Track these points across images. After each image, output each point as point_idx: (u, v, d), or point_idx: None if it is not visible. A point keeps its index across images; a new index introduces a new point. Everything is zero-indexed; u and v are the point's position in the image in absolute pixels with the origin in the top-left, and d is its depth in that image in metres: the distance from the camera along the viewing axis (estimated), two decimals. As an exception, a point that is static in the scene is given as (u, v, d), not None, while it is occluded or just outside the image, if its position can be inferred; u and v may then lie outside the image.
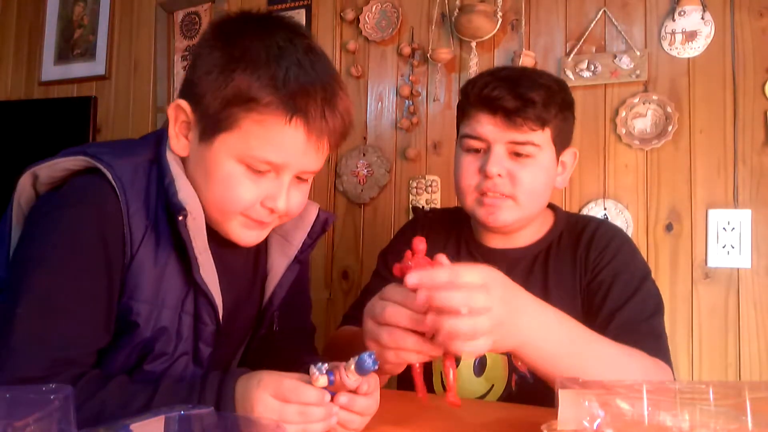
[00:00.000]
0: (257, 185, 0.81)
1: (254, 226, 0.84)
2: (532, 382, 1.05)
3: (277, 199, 0.81)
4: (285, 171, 0.81)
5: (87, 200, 0.78)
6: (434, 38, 1.99)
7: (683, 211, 1.71)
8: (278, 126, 0.77)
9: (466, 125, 1.07)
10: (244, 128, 0.78)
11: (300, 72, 0.79)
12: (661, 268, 1.71)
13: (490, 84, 1.03)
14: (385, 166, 2.03)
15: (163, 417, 0.60)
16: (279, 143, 0.78)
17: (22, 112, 2.53)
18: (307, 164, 0.83)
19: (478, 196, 1.06)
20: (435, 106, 2.00)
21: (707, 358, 1.66)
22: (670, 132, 1.71)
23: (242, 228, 0.84)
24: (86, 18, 2.52)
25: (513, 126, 1.02)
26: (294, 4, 2.18)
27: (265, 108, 0.77)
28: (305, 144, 0.80)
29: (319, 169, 0.87)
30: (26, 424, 0.50)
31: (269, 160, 0.79)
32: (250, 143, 0.78)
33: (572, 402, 0.63)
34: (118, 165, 0.80)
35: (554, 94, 1.04)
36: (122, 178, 0.78)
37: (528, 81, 1.03)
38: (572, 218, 1.17)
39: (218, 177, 0.80)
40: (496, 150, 1.03)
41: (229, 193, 0.80)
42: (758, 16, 1.68)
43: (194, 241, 0.80)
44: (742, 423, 0.59)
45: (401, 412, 0.87)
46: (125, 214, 0.78)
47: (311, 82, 0.79)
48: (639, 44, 1.78)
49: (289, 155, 0.80)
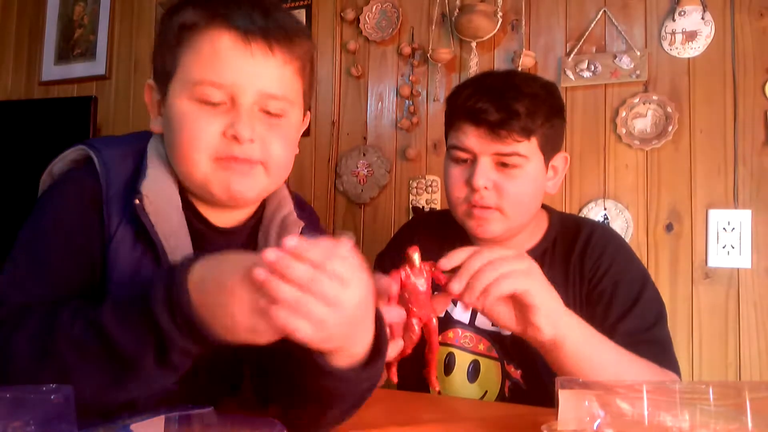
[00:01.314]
0: (214, 117, 0.75)
1: (231, 167, 0.76)
2: (525, 389, 1.04)
3: (237, 124, 0.74)
4: (237, 93, 0.75)
5: (71, 179, 0.81)
6: (434, 38, 2.00)
7: (683, 211, 1.71)
8: (205, 40, 0.75)
9: (453, 136, 1.07)
10: (182, 62, 0.76)
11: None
12: (661, 269, 1.71)
13: (474, 96, 1.02)
14: (385, 166, 2.03)
15: (163, 417, 0.60)
16: (210, 56, 0.75)
17: (22, 112, 2.53)
18: (261, 82, 0.76)
19: (467, 208, 1.06)
20: (435, 106, 2.00)
21: (707, 358, 1.66)
22: (670, 132, 1.71)
23: (222, 173, 0.76)
24: (86, 18, 2.52)
25: (497, 138, 1.01)
26: (294, 4, 2.18)
27: (191, 30, 0.76)
28: (238, 51, 0.75)
29: (286, 97, 0.78)
30: (26, 424, 0.50)
31: (210, 80, 0.74)
32: (191, 71, 0.76)
33: (572, 402, 0.63)
34: (107, 151, 0.81)
35: (540, 102, 1.03)
36: (107, 163, 0.79)
37: (512, 91, 1.02)
38: (566, 221, 1.16)
39: (177, 122, 0.77)
40: (482, 162, 1.03)
41: (189, 133, 0.76)
42: (758, 16, 1.68)
43: (157, 225, 0.76)
44: (742, 423, 0.59)
45: (401, 412, 0.87)
46: (104, 194, 0.78)
47: (237, 0, 0.78)
48: (639, 44, 1.78)
49: (226, 68, 0.75)
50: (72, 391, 0.53)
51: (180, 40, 0.77)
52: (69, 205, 0.78)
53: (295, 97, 0.80)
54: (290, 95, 0.79)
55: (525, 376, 1.05)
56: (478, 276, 0.77)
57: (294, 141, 0.83)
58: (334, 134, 2.13)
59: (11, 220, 2.45)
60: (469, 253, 0.79)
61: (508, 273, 0.77)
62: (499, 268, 0.77)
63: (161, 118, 0.82)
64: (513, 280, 0.77)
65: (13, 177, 2.38)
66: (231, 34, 0.74)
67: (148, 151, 0.82)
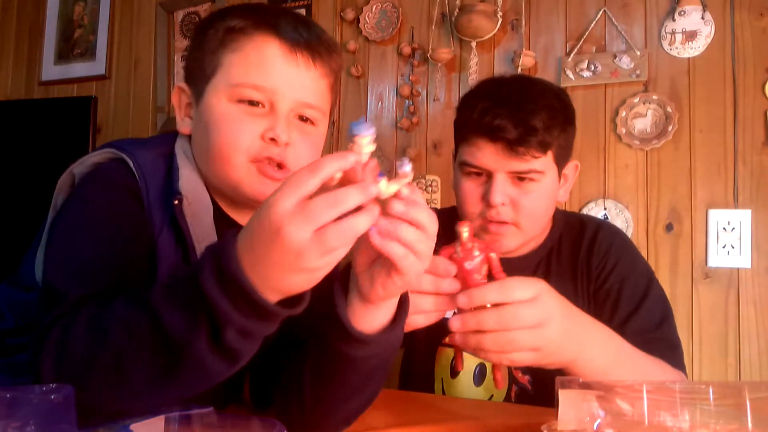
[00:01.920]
0: (253, 119, 0.77)
1: (269, 173, 0.78)
2: (532, 393, 1.04)
3: (276, 128, 0.76)
4: (277, 98, 0.78)
5: (110, 177, 0.79)
6: (434, 38, 2.00)
7: (683, 211, 1.71)
8: (252, 43, 0.78)
9: (466, 151, 1.03)
10: (225, 64, 0.79)
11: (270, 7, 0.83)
12: (661, 268, 1.71)
13: (491, 110, 0.98)
14: (385, 166, 2.03)
15: (162, 417, 0.60)
16: (257, 61, 0.78)
17: (22, 112, 2.53)
18: (301, 90, 0.79)
19: (482, 223, 1.03)
20: (435, 106, 2.00)
21: (707, 358, 1.66)
22: (670, 132, 1.71)
23: (256, 177, 0.78)
24: (86, 18, 2.52)
25: (515, 155, 0.98)
26: (294, 4, 2.18)
27: (238, 33, 0.79)
28: (284, 57, 0.78)
29: (320, 107, 0.82)
30: (26, 424, 0.50)
31: (254, 84, 0.77)
32: (233, 73, 0.78)
33: (572, 402, 0.63)
34: (140, 154, 0.80)
35: (556, 114, 1.01)
36: (143, 167, 0.79)
37: (530, 104, 0.98)
38: (570, 219, 1.16)
39: (215, 122, 0.78)
40: (498, 179, 1.00)
41: (228, 133, 0.77)
42: (758, 16, 1.68)
43: (192, 227, 0.78)
44: (742, 423, 0.59)
45: (402, 412, 0.87)
46: (145, 198, 0.78)
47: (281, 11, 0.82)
48: (639, 44, 1.78)
49: (271, 73, 0.78)
50: (72, 391, 0.53)
51: (225, 42, 0.79)
52: (118, 197, 0.77)
53: (326, 108, 0.84)
54: (323, 106, 0.83)
55: (533, 381, 1.04)
56: (489, 340, 0.69)
57: (320, 150, 0.85)
58: (334, 134, 2.13)
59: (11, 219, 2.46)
60: (496, 292, 0.70)
61: (519, 340, 0.69)
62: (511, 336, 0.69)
63: (189, 120, 0.85)
64: (523, 353, 0.70)
65: (13, 177, 2.38)
66: (279, 42, 0.78)
67: (176, 153, 0.83)
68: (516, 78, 1.09)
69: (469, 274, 0.71)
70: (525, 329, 0.66)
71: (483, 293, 0.68)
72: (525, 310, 0.66)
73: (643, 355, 0.86)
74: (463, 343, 0.70)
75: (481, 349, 0.67)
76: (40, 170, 2.27)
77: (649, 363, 0.86)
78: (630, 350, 0.84)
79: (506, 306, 0.66)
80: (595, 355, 0.77)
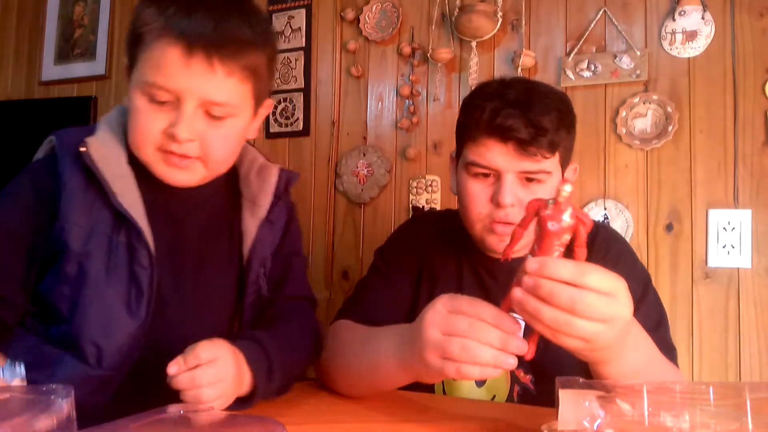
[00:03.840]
0: (159, 115, 0.84)
1: (173, 162, 0.86)
2: (534, 394, 1.03)
3: (177, 126, 0.83)
4: (183, 97, 0.83)
5: (31, 166, 0.93)
6: (434, 38, 1.99)
7: (683, 211, 1.71)
8: (158, 45, 0.83)
9: (474, 151, 1.01)
10: (139, 59, 0.85)
11: (184, 3, 0.84)
12: (661, 268, 1.71)
13: (502, 111, 0.97)
14: (385, 166, 2.03)
15: (163, 417, 0.60)
16: (161, 64, 0.82)
17: (22, 112, 2.53)
18: (199, 91, 0.83)
19: (488, 224, 1.02)
20: (435, 106, 2.00)
21: (707, 358, 1.66)
22: (670, 132, 1.71)
23: (163, 164, 0.87)
24: (86, 18, 2.52)
25: (526, 155, 0.97)
26: (294, 4, 2.18)
27: (149, 35, 0.83)
28: (182, 63, 0.81)
29: (230, 103, 0.85)
30: (26, 424, 0.50)
31: (160, 84, 0.82)
32: (143, 70, 0.84)
33: (572, 402, 0.63)
34: (68, 131, 0.92)
35: (563, 115, 1.01)
36: (63, 138, 0.90)
37: (539, 105, 0.98)
38: None
39: (132, 111, 0.87)
40: (507, 179, 0.99)
41: (136, 124, 0.86)
42: (758, 16, 1.68)
43: (104, 170, 0.86)
44: (743, 423, 0.59)
45: (402, 411, 0.87)
46: (59, 161, 0.87)
47: (195, 4, 0.84)
48: (639, 44, 1.78)
49: (174, 76, 0.82)
50: (72, 391, 0.53)
51: (138, 41, 0.85)
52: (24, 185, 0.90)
53: (240, 101, 0.88)
54: (234, 101, 0.86)
55: (535, 381, 1.04)
56: (549, 314, 0.65)
57: (238, 137, 0.91)
58: (334, 134, 2.13)
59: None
60: (571, 272, 0.65)
61: (579, 328, 0.65)
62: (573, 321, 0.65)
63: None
64: (575, 339, 0.67)
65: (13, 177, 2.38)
66: (177, 48, 0.82)
67: (99, 121, 0.94)
68: (520, 80, 1.09)
69: (548, 237, 0.66)
70: (590, 320, 0.64)
71: (557, 267, 0.64)
72: (600, 303, 0.64)
73: (665, 359, 0.87)
74: (521, 303, 0.66)
75: (536, 318, 0.65)
76: (40, 170, 2.27)
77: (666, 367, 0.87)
78: (657, 354, 0.84)
79: (585, 291, 0.63)
80: (630, 358, 0.76)
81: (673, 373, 0.89)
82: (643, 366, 0.80)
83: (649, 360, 0.82)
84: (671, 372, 0.88)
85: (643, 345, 0.81)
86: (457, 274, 1.14)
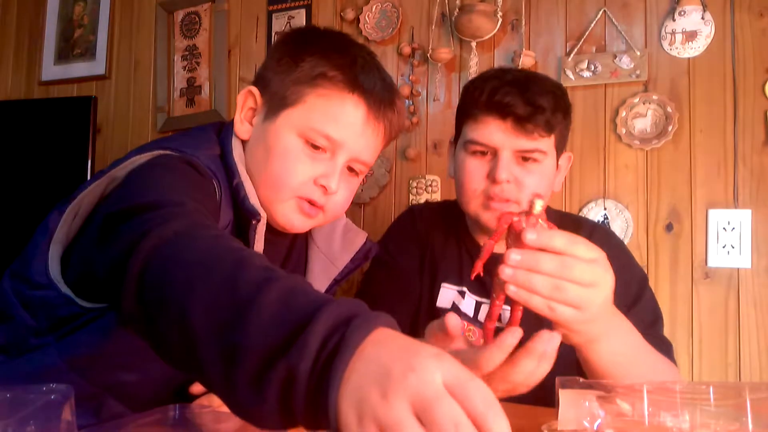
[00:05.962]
0: (313, 162, 0.84)
1: (305, 210, 0.86)
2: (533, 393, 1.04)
3: (330, 178, 0.84)
4: (340, 151, 0.84)
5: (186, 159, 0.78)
6: (434, 38, 1.99)
7: (683, 211, 1.71)
8: (340, 99, 0.83)
9: (473, 129, 1.05)
10: (308, 102, 0.83)
11: (365, 62, 0.86)
12: (661, 268, 1.71)
13: (500, 89, 1.01)
14: (385, 166, 2.03)
15: (163, 417, 0.60)
16: (339, 117, 0.83)
17: (22, 112, 2.53)
18: (362, 150, 0.86)
19: (484, 201, 1.05)
20: (435, 106, 2.00)
21: (707, 358, 1.66)
22: (670, 132, 1.71)
23: (293, 211, 0.86)
24: (86, 18, 2.52)
25: (523, 132, 1.00)
26: (294, 4, 2.18)
27: (330, 82, 0.83)
28: (364, 123, 0.84)
29: (370, 164, 0.90)
30: (26, 424, 0.50)
31: (328, 134, 0.83)
32: (312, 116, 0.83)
33: (572, 402, 0.63)
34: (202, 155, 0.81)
35: (559, 99, 1.04)
36: (211, 167, 0.81)
37: (536, 86, 1.02)
38: (564, 219, 1.17)
39: (278, 151, 0.84)
40: (504, 156, 1.02)
41: (286, 167, 0.84)
42: (758, 16, 1.68)
43: (256, 245, 0.84)
44: (743, 423, 0.59)
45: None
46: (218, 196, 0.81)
47: (374, 71, 0.86)
48: (639, 44, 1.78)
49: (347, 132, 0.83)
50: (72, 391, 0.53)
51: (315, 83, 0.84)
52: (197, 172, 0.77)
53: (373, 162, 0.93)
54: (372, 161, 0.91)
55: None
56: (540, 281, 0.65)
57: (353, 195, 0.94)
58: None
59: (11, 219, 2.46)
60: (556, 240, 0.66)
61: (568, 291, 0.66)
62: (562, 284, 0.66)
63: (249, 126, 0.89)
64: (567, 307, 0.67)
65: (13, 177, 2.38)
66: (365, 108, 0.84)
67: (236, 162, 0.85)
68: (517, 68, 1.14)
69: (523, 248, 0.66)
70: (577, 283, 0.65)
71: (551, 236, 0.65)
72: (583, 266, 0.65)
73: (656, 352, 0.87)
74: (513, 278, 0.66)
75: (529, 289, 0.65)
76: (40, 170, 2.27)
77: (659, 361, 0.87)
78: (646, 347, 0.84)
79: (566, 256, 0.65)
80: (616, 343, 0.77)
81: (663, 362, 0.88)
82: (631, 351, 0.80)
83: (636, 345, 0.81)
84: (661, 362, 0.88)
85: (629, 329, 0.80)
86: (458, 260, 1.15)
